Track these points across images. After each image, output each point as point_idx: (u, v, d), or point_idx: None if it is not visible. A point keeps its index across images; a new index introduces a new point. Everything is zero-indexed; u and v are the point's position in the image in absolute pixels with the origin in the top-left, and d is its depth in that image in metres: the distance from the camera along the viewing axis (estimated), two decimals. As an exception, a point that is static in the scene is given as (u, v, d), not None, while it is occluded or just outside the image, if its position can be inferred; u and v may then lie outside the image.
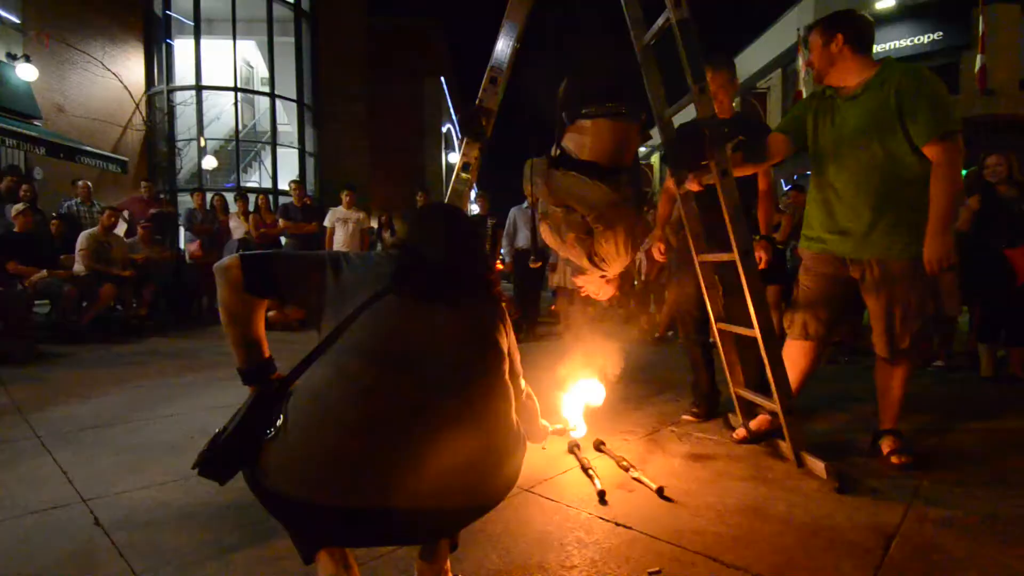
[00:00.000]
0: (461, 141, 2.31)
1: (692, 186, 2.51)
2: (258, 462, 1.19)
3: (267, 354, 1.32)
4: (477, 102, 2.21)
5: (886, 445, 2.36)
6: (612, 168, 2.34)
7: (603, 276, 2.59)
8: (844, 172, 2.27)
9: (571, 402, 2.64)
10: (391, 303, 1.25)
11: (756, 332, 2.24)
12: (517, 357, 1.50)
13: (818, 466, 2.17)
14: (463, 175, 2.26)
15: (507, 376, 1.35)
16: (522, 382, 1.55)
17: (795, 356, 2.43)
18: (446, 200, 2.21)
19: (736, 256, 2.21)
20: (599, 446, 2.47)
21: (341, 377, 1.18)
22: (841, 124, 2.28)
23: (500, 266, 7.28)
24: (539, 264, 3.89)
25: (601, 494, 1.99)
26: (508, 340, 1.43)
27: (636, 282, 6.87)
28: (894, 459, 2.28)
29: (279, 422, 1.19)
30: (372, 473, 1.13)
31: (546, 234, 2.58)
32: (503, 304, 1.46)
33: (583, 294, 2.75)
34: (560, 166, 2.38)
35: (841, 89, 2.29)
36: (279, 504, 1.16)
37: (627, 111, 2.34)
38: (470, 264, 1.40)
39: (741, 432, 2.57)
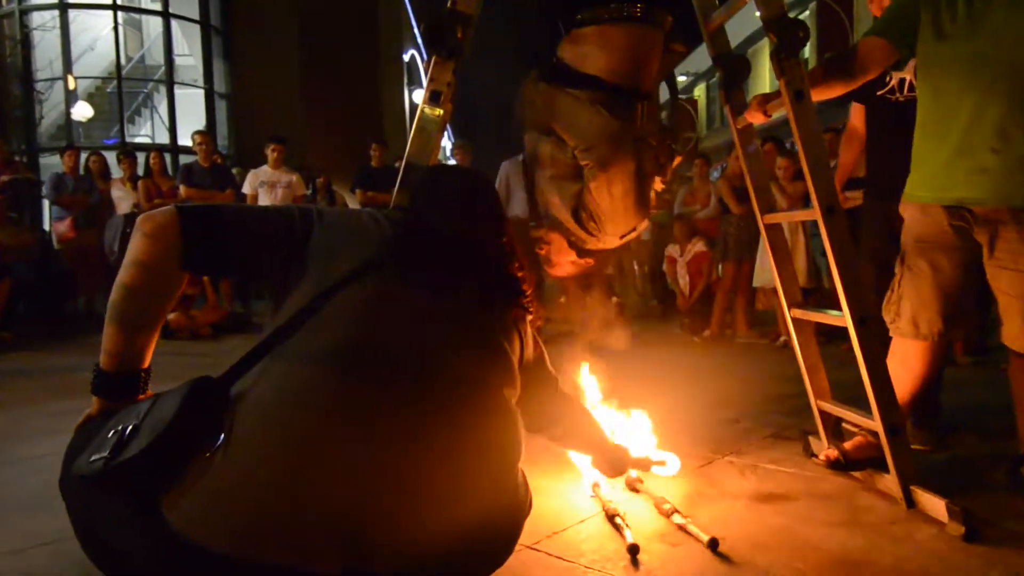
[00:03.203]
0: (428, 63, 2.27)
1: (755, 116, 2.47)
2: (167, 493, 1.13)
3: (147, 363, 1.30)
4: (449, 4, 2.17)
5: (1030, 474, 2.35)
6: (623, 90, 2.30)
7: (578, 246, 2.53)
8: (982, 83, 2.19)
9: (636, 428, 2.65)
10: (376, 284, 1.25)
11: (846, 319, 2.21)
12: (548, 364, 1.54)
13: (936, 505, 2.15)
14: (431, 110, 2.22)
15: (511, 401, 1.36)
16: (565, 396, 1.65)
17: (907, 359, 2.40)
18: (408, 144, 2.17)
19: (818, 214, 2.19)
20: (633, 484, 2.45)
21: (294, 385, 1.17)
22: (980, 14, 2.20)
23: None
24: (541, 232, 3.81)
25: (633, 550, 1.97)
26: (526, 352, 1.45)
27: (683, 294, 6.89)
28: (1042, 493, 2.26)
29: (220, 438, 1.14)
30: (323, 526, 1.12)
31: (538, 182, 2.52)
32: (528, 306, 1.47)
33: (541, 251, 2.67)
34: (552, 80, 2.34)
35: None
36: (189, 559, 1.12)
37: (641, 12, 2.30)
38: (492, 247, 1.42)
39: (831, 453, 2.54)
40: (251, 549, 1.09)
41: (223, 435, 1.13)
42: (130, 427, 1.15)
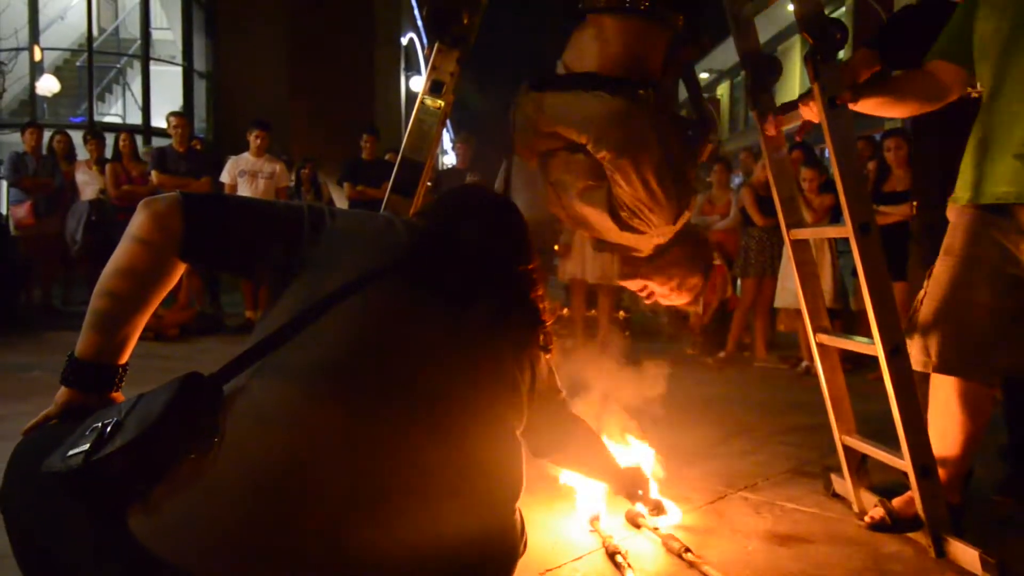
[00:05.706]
0: (429, 51, 2.27)
1: (809, 114, 2.41)
2: (138, 500, 1.14)
3: (125, 359, 1.32)
4: (456, -13, 2.18)
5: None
6: (627, 80, 2.30)
7: (639, 259, 2.53)
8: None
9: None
10: (380, 296, 1.27)
11: (877, 347, 2.21)
12: (558, 386, 1.62)
13: (969, 555, 2.14)
14: (432, 101, 2.24)
15: (516, 432, 1.39)
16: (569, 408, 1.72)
17: (965, 404, 2.30)
18: (405, 136, 2.20)
19: (850, 231, 2.19)
20: (637, 519, 2.45)
21: (278, 403, 1.18)
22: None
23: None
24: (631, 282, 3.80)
25: (637, 593, 1.97)
26: (538, 383, 1.49)
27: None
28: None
29: (214, 441, 1.14)
30: (299, 553, 1.12)
31: (553, 205, 2.54)
32: (547, 343, 1.52)
33: (649, 301, 2.68)
34: (542, 86, 2.35)
35: None
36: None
37: (647, 6, 2.29)
38: (518, 270, 1.45)
39: (877, 513, 2.48)
40: (219, 570, 1.10)
41: (217, 438, 1.14)
42: (112, 423, 1.14)
